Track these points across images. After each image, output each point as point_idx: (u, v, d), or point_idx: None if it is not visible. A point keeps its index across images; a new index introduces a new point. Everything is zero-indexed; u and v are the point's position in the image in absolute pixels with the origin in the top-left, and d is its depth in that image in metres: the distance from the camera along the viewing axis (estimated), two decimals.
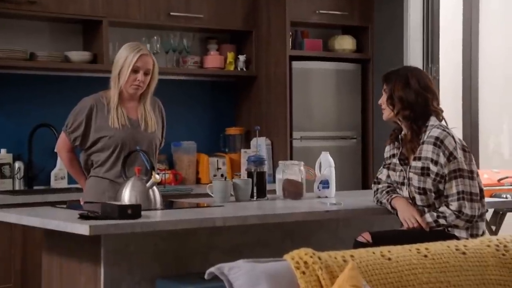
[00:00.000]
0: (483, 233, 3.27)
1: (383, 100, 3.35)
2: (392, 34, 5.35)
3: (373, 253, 2.33)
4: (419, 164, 3.25)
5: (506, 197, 5.26)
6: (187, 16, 4.98)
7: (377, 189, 3.46)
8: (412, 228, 3.24)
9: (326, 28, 5.50)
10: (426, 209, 3.28)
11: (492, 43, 6.02)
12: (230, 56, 5.20)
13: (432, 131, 3.23)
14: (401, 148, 3.36)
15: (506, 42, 6.41)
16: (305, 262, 2.15)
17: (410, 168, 3.29)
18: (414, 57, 5.29)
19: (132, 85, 3.51)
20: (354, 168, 5.37)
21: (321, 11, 5.28)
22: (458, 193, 3.19)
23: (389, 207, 3.36)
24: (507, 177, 6.13)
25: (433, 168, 3.20)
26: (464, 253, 2.39)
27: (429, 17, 5.32)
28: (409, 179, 3.29)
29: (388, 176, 3.43)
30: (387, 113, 3.34)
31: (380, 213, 3.47)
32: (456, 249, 2.42)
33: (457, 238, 3.15)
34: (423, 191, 3.25)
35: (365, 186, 5.39)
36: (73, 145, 3.57)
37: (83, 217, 2.87)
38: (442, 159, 3.18)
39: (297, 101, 5.18)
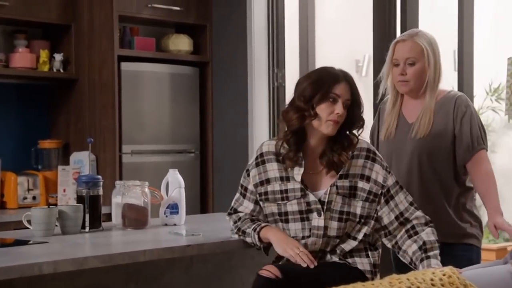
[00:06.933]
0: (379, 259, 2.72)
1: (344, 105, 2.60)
2: (233, 35, 4.75)
3: None
4: (346, 183, 2.62)
5: None
6: None
7: (240, 218, 2.76)
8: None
9: (159, 26, 4.83)
10: (337, 240, 2.62)
11: (327, 53, 5.68)
12: (44, 54, 4.41)
13: (360, 142, 2.67)
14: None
15: (340, 54, 6.14)
16: None
17: (336, 188, 2.61)
18: (259, 61, 4.70)
19: None
20: (192, 187, 4.66)
21: (153, 5, 4.58)
22: (411, 203, 2.67)
23: (256, 238, 2.67)
24: None
25: (364, 185, 2.62)
26: None
27: (273, 18, 4.75)
28: (327, 203, 2.60)
29: (256, 211, 2.72)
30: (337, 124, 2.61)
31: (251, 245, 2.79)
32: None
33: (361, 272, 2.61)
34: (346, 216, 2.60)
35: (204, 208, 4.75)
36: None
37: None
38: (382, 173, 2.64)
39: (127, 109, 4.46)
